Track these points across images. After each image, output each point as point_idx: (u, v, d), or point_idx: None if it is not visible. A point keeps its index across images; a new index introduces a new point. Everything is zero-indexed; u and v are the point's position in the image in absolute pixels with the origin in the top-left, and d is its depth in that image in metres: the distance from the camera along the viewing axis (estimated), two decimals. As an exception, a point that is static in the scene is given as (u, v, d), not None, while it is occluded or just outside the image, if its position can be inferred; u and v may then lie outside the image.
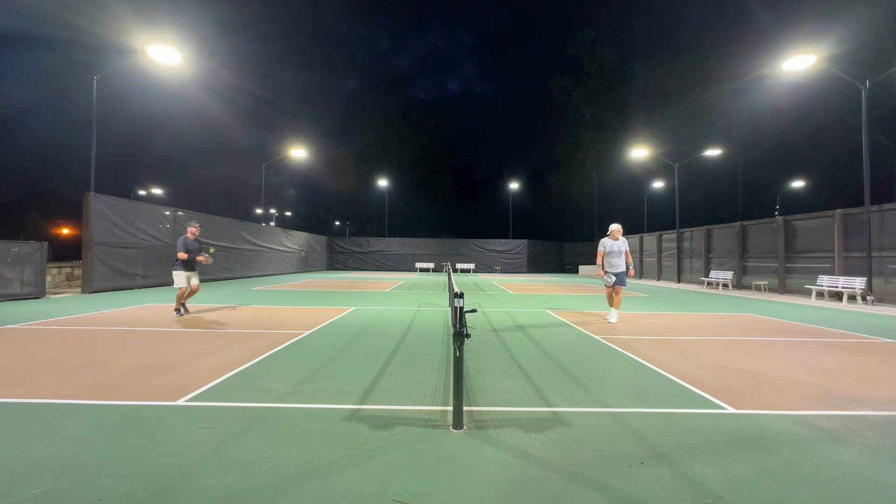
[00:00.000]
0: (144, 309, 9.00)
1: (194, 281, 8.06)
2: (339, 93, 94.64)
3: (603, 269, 7.92)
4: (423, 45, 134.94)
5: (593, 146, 43.84)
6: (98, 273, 12.34)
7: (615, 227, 7.87)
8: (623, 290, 16.22)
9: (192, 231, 7.98)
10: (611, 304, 8.02)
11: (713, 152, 25.91)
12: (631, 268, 7.97)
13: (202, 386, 3.80)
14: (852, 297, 12.31)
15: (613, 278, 7.79)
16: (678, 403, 3.56)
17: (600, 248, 7.91)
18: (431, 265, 33.01)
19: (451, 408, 3.06)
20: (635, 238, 27.67)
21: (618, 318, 8.08)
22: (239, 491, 2.14)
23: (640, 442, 2.78)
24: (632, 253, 27.72)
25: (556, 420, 3.15)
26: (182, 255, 7.71)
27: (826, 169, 33.21)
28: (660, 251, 24.44)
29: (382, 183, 44.64)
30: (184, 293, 7.83)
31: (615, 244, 7.83)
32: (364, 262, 33.98)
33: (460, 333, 2.98)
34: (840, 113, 28.36)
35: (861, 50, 24.91)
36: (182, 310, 7.82)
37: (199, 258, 8.03)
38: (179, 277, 7.79)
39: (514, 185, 42.12)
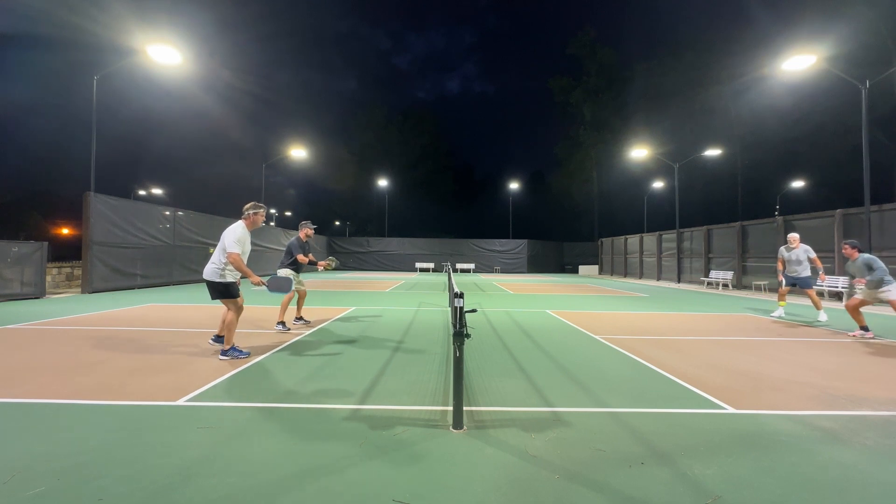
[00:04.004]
0: (144, 309, 9.01)
1: (301, 286, 7.06)
2: (339, 93, 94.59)
3: (781, 274, 9.00)
4: (422, 45, 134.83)
5: (593, 146, 43.89)
6: (98, 273, 12.34)
7: (791, 236, 8.79)
8: (623, 291, 16.29)
9: (308, 232, 6.99)
10: (782, 302, 9.00)
11: (713, 152, 25.91)
12: (822, 273, 8.52)
13: (202, 386, 3.80)
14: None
15: (784, 281, 9.04)
16: (678, 403, 3.56)
17: (780, 257, 8.93)
18: (431, 265, 33.00)
19: (451, 408, 3.06)
20: (635, 238, 27.67)
21: (825, 317, 8.45)
22: (239, 491, 2.14)
23: (640, 442, 2.78)
24: (632, 253, 27.90)
25: (556, 420, 3.15)
26: (303, 259, 6.71)
27: (826, 169, 33.22)
28: (660, 251, 24.43)
29: (382, 183, 44.62)
30: (291, 300, 6.64)
31: (792, 253, 8.69)
32: (364, 262, 33.96)
33: (460, 333, 2.98)
34: (840, 113, 28.37)
35: (861, 50, 24.90)
36: (285, 324, 6.55)
37: (321, 264, 7.10)
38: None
39: (514, 185, 42.08)
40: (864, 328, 6.73)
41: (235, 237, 4.76)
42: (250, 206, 5.13)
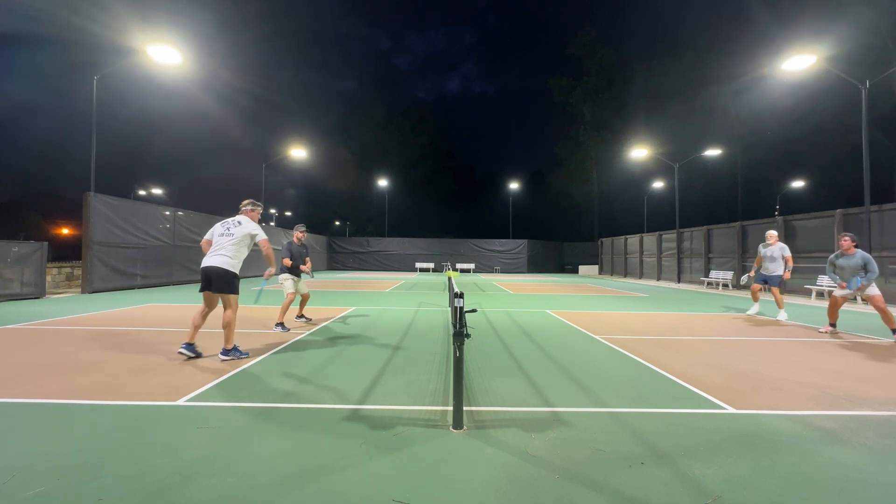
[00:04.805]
0: (144, 309, 9.00)
1: (304, 289, 7.25)
2: (339, 93, 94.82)
3: (754, 270, 9.14)
4: (422, 45, 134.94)
5: (593, 146, 43.91)
6: (98, 273, 12.34)
7: (769, 234, 9.00)
8: (623, 291, 16.29)
9: (298, 236, 7.17)
10: (755, 299, 9.19)
11: (713, 152, 25.91)
12: (787, 271, 8.73)
13: (202, 386, 3.80)
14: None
15: (746, 279, 9.30)
16: (678, 403, 3.56)
17: (759, 254, 9.04)
18: (431, 265, 33.01)
19: (451, 408, 3.06)
20: (635, 238, 27.65)
21: (786, 316, 8.62)
22: (239, 491, 2.14)
23: (640, 442, 2.78)
24: (632, 253, 27.89)
25: (556, 420, 3.15)
26: (287, 262, 6.88)
27: (826, 169, 33.23)
28: (660, 251, 24.43)
29: (382, 183, 44.63)
30: (291, 302, 6.87)
31: (768, 249, 8.82)
32: (364, 262, 33.97)
33: (460, 333, 2.98)
34: (840, 113, 28.38)
35: (861, 50, 24.91)
36: (284, 325, 6.64)
37: (303, 268, 7.16)
38: (288, 284, 6.89)
39: (514, 185, 42.08)
40: (834, 325, 7.10)
41: (256, 225, 4.89)
42: (248, 203, 5.18)
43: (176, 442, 2.67)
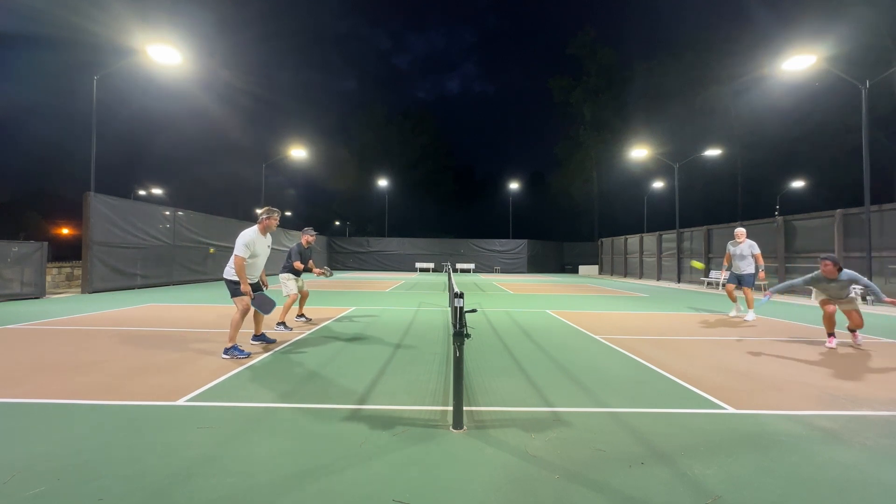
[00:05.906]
0: (144, 309, 9.00)
1: (303, 287, 7.35)
2: (339, 93, 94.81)
3: (725, 270, 9.07)
4: (422, 45, 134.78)
5: (593, 146, 43.92)
6: (98, 273, 12.34)
7: (737, 231, 8.78)
8: (623, 291, 16.29)
9: (308, 239, 7.26)
10: (732, 300, 8.87)
11: (713, 152, 25.90)
12: (761, 270, 8.59)
13: (202, 386, 3.80)
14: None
15: (726, 276, 9.07)
16: (678, 403, 3.56)
17: (727, 252, 8.88)
18: (431, 265, 33.01)
19: (451, 408, 3.06)
20: (635, 238, 27.65)
21: (753, 317, 8.43)
22: (239, 491, 2.14)
23: (640, 442, 2.78)
24: (632, 253, 27.88)
25: (556, 420, 3.15)
26: (298, 266, 7.01)
27: (826, 169, 33.24)
28: (660, 251, 24.43)
29: (382, 183, 44.63)
30: (294, 302, 6.99)
31: (737, 248, 8.66)
32: (364, 262, 33.96)
33: (460, 333, 2.98)
34: (840, 113, 28.38)
35: (861, 50, 24.92)
36: (286, 325, 6.71)
37: (317, 271, 7.39)
38: (291, 284, 6.99)
39: (514, 185, 42.07)
40: (833, 334, 6.23)
41: (244, 241, 4.94)
42: (264, 211, 5.28)
43: (176, 442, 2.67)
